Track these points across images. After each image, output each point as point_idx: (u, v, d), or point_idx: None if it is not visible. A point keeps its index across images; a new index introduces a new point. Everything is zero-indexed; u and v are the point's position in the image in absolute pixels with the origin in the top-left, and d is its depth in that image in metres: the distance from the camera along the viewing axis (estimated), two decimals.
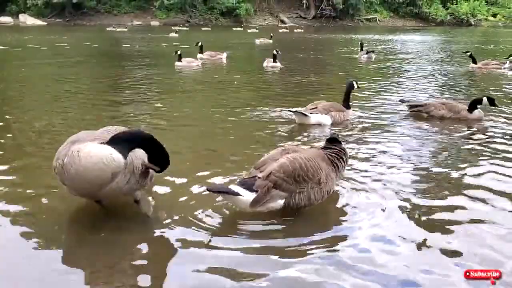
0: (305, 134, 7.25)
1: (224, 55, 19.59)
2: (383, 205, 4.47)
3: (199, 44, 19.67)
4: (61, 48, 24.38)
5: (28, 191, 4.69)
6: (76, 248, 3.77)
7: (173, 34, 36.02)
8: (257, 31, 45.59)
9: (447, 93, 11.92)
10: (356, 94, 9.96)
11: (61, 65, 17.14)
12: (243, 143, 6.74)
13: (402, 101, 9.05)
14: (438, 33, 47.95)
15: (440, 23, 70.39)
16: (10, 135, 7.03)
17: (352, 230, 3.97)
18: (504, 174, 5.39)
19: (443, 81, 13.98)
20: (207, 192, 4.15)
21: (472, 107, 8.13)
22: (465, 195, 4.80)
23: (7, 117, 8.12)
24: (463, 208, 4.48)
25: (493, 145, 6.62)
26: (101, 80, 13.75)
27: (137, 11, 63.61)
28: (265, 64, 16.85)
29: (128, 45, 27.06)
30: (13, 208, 4.31)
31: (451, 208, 4.46)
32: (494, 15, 73.51)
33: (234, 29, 52.19)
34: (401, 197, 4.69)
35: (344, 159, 4.61)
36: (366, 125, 7.88)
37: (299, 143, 6.65)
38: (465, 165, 5.76)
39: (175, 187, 4.79)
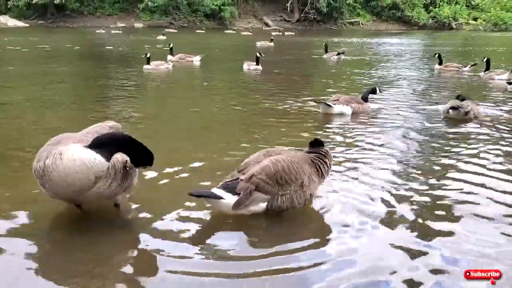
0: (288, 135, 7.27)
1: (197, 58, 19.15)
2: (373, 207, 4.46)
3: (170, 45, 19.39)
4: (42, 50, 24.05)
5: (4, 194, 4.61)
6: (54, 252, 3.71)
7: (160, 37, 35.44)
8: (251, 33, 46.03)
9: (409, 94, 12.11)
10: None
11: (40, 68, 16.89)
12: (220, 145, 6.73)
13: (453, 108, 8.35)
14: (417, 36, 48.41)
15: (423, 26, 71.12)
16: None
17: (339, 236, 3.94)
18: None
19: (405, 82, 14.31)
20: (190, 196, 4.13)
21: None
22: (465, 193, 4.87)
23: None
24: (461, 207, 4.53)
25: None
26: (80, 82, 13.69)
27: (121, 13, 62.99)
28: (245, 66, 16.69)
29: (111, 47, 26.78)
30: None
31: (448, 208, 4.50)
32: (475, 19, 74.56)
33: (226, 31, 52.31)
34: (395, 198, 4.69)
35: (328, 163, 4.52)
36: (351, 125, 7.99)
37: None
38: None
39: (156, 189, 4.75)
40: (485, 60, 15.75)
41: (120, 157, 3.81)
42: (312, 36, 46.38)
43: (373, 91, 9.61)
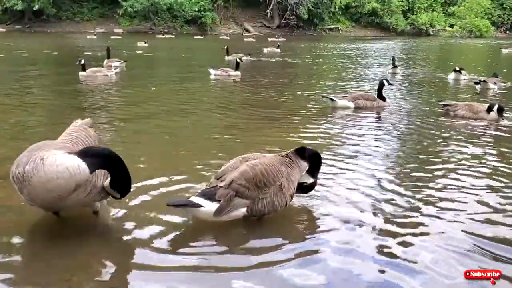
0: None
1: (116, 64, 17.78)
2: (361, 207, 4.53)
3: (107, 48, 18.79)
4: (19, 56, 23.69)
5: None
6: (30, 260, 3.65)
7: (141, 43, 34.31)
8: (254, 40, 47.05)
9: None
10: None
11: (17, 73, 16.66)
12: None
13: (439, 101, 10.23)
14: (382, 42, 49.13)
15: (401, 33, 72.42)
16: None
17: (325, 239, 3.95)
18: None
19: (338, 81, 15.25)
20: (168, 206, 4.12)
21: (489, 109, 9.30)
22: (463, 192, 4.94)
23: None
24: (460, 205, 4.59)
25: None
26: (55, 88, 13.53)
27: (100, 18, 62.48)
28: (217, 72, 16.13)
29: (90, 53, 26.44)
30: None
31: (445, 207, 4.56)
32: (452, 26, 76.16)
33: (220, 37, 52.83)
34: (383, 196, 4.78)
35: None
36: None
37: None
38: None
39: (135, 196, 4.69)
40: (457, 69, 16.43)
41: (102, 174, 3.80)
42: (298, 41, 46.93)
43: (382, 85, 10.54)
